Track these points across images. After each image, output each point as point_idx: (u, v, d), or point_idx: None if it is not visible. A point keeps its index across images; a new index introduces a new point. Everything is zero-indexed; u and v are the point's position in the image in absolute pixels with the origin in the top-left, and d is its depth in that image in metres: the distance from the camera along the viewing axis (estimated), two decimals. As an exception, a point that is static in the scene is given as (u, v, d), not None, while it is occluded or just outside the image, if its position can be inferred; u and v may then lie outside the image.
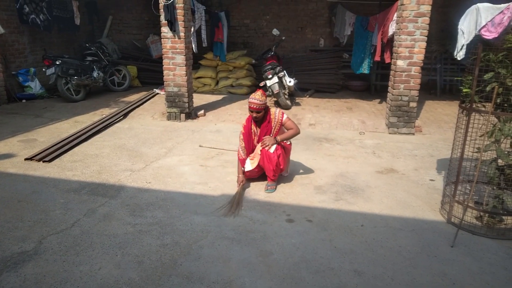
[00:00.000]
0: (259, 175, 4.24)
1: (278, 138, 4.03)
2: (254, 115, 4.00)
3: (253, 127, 4.16)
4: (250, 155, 4.16)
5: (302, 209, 3.71)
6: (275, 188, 4.10)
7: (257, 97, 3.95)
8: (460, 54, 5.34)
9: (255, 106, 3.94)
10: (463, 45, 5.23)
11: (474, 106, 3.25)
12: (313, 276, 2.72)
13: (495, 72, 3.11)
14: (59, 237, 3.13)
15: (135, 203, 3.73)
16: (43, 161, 4.68)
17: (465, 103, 3.36)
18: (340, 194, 4.02)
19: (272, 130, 4.10)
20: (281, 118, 4.08)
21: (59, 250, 2.96)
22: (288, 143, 4.24)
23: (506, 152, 3.28)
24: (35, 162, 4.69)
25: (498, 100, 3.15)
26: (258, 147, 4.06)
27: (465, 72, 3.39)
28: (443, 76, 8.98)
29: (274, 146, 3.98)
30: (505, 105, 3.14)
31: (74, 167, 4.60)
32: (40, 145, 5.29)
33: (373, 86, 9.10)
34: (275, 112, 4.10)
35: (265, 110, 4.05)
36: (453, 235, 3.19)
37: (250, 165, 4.10)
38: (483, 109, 3.23)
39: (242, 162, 4.16)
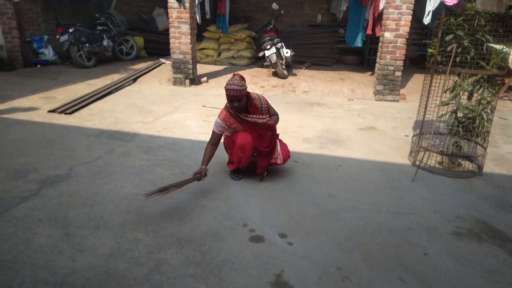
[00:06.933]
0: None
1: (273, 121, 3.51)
2: (235, 104, 3.27)
3: (237, 118, 3.42)
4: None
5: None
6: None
7: (235, 82, 3.21)
8: (427, 19, 6.36)
9: (235, 94, 3.20)
10: (429, 11, 6.12)
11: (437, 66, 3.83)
12: (294, 197, 3.36)
13: (455, 34, 3.68)
14: (86, 167, 3.77)
15: (148, 146, 4.36)
16: (65, 113, 5.29)
17: (430, 63, 3.94)
18: (324, 144, 4.63)
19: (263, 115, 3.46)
20: (267, 103, 3.50)
21: (87, 175, 3.59)
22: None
23: (464, 105, 3.88)
24: (57, 114, 5.30)
25: (457, 59, 3.73)
26: None
27: (432, 36, 3.96)
28: (433, 52, 9.49)
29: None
30: (463, 63, 3.72)
31: (93, 118, 5.21)
32: (59, 101, 5.88)
33: (366, 60, 9.62)
34: (258, 97, 3.47)
35: (246, 96, 3.37)
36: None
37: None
38: (444, 67, 3.81)
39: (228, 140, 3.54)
